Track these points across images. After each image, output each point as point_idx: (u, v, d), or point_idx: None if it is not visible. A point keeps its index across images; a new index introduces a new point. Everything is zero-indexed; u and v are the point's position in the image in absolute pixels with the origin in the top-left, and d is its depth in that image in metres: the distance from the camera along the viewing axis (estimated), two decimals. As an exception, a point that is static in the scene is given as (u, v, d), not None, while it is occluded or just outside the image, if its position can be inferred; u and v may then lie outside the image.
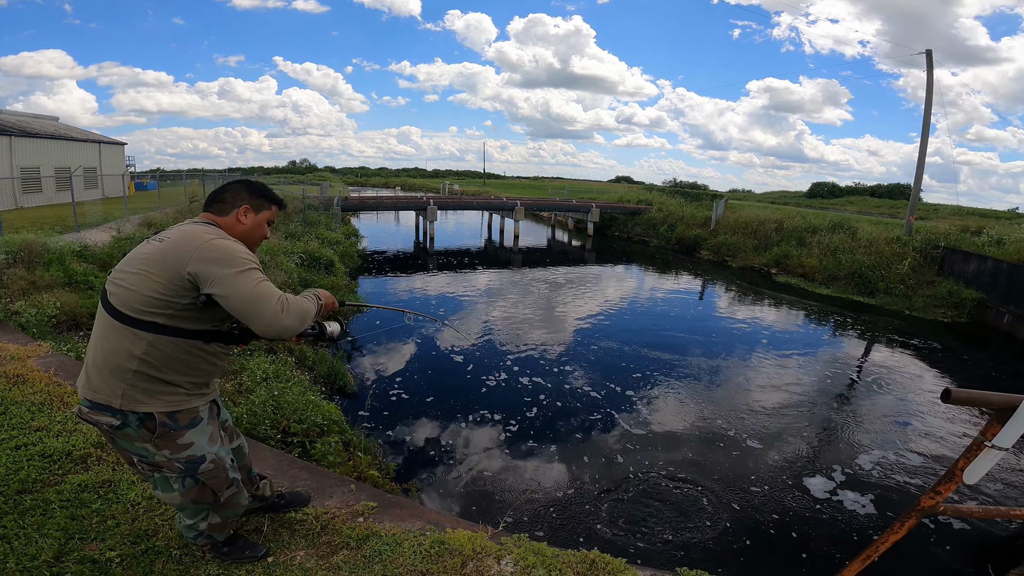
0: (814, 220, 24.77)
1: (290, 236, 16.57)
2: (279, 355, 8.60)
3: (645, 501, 6.39)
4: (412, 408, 8.70)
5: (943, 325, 16.09)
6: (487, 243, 31.35)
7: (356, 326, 13.00)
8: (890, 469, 7.55)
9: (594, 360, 11.57)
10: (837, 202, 45.76)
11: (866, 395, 10.68)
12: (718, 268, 24.67)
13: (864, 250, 20.08)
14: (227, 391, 6.31)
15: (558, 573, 2.60)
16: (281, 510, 2.93)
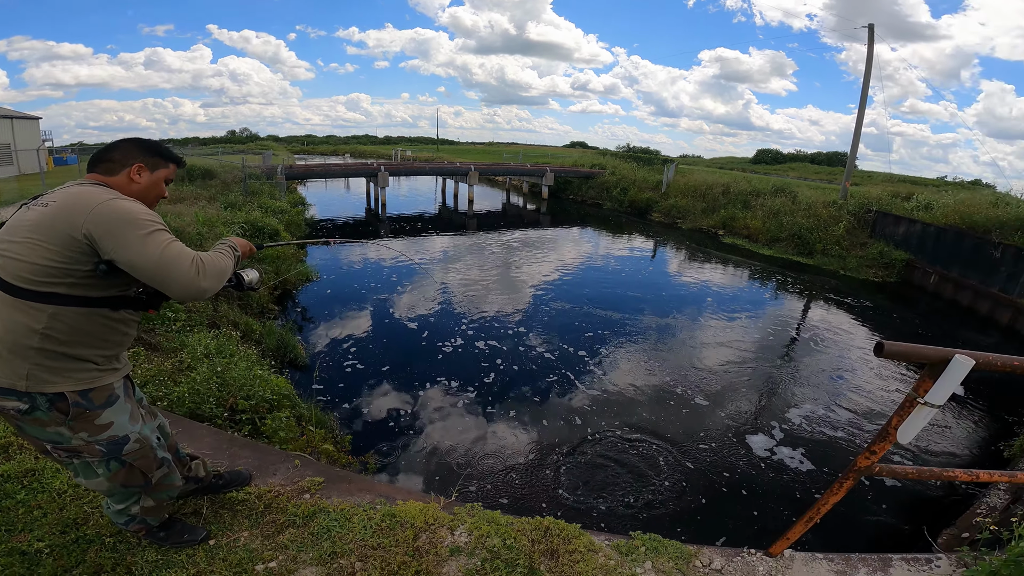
0: (758, 185, 25.59)
1: (230, 207, 15.75)
2: (222, 329, 8.26)
3: (603, 463, 6.52)
4: (367, 378, 8.54)
5: (875, 284, 17.03)
6: (441, 208, 30.93)
7: (306, 297, 12.64)
8: (826, 425, 7.94)
9: (550, 322, 11.67)
10: (780, 168, 47.40)
11: (804, 352, 11.20)
12: (669, 230, 25.37)
13: (803, 213, 21.01)
14: (166, 370, 6.01)
15: (512, 541, 2.59)
16: (221, 491, 2.79)
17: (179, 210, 13.36)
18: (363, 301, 12.40)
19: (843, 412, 8.36)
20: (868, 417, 8.29)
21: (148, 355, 6.53)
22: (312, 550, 2.49)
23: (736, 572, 2.58)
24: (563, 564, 2.47)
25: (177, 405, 5.08)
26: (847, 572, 2.65)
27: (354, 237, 20.57)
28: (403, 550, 2.49)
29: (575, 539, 2.64)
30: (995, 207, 15.74)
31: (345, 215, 26.25)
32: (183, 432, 3.27)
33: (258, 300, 10.64)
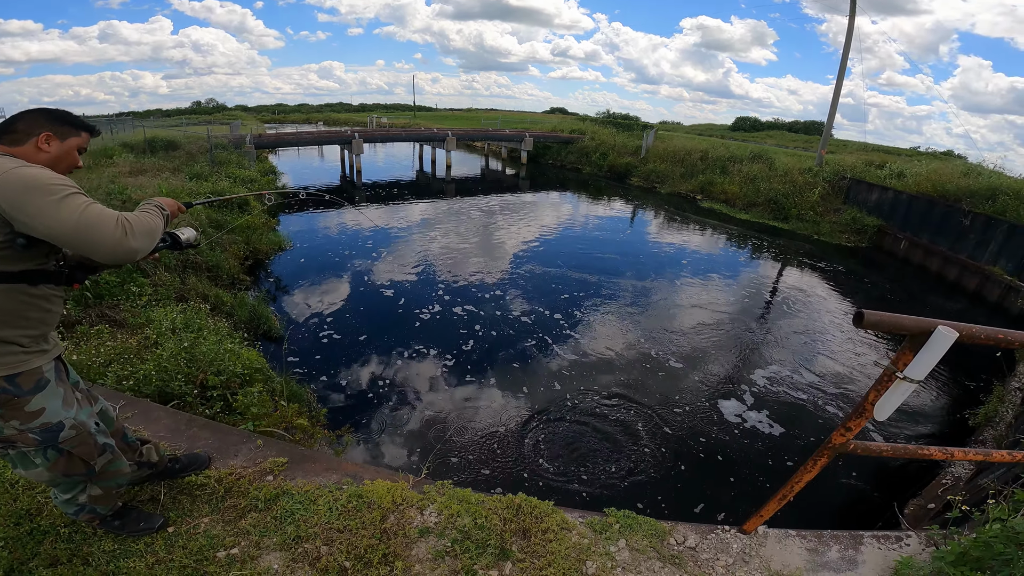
0: (736, 151, 25.91)
1: (196, 177, 15.24)
2: (191, 303, 8.01)
3: (583, 431, 6.54)
4: (344, 348, 8.39)
5: (847, 249, 17.43)
6: (419, 174, 30.40)
7: (279, 266, 12.33)
8: (796, 389, 8.08)
9: (529, 286, 11.66)
10: (758, 135, 47.77)
11: (778, 315, 11.40)
12: (648, 194, 25.54)
13: (780, 179, 21.38)
14: (132, 348, 5.79)
15: (483, 520, 2.51)
16: (178, 475, 2.67)
17: (141, 183, 12.87)
18: (339, 269, 12.16)
19: (813, 376, 8.50)
20: (838, 381, 8.45)
21: (113, 332, 6.29)
22: (275, 535, 2.39)
23: (710, 549, 2.56)
24: (535, 544, 2.41)
25: (144, 384, 4.88)
26: (819, 549, 2.65)
27: (329, 204, 20.05)
28: (370, 532, 2.40)
29: (547, 517, 2.58)
30: (966, 177, 16.09)
31: (320, 182, 25.61)
32: (139, 414, 3.12)
33: (228, 271, 10.36)
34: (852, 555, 2.63)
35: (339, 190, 24.19)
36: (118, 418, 2.39)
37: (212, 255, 10.20)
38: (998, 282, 13.23)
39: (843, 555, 2.62)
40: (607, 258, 14.48)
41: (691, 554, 2.53)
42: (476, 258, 13.59)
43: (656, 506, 5.40)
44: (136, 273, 8.14)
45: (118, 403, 3.22)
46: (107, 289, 7.43)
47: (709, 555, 2.53)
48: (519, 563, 2.32)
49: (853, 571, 2.54)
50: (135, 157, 17.09)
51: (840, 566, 2.56)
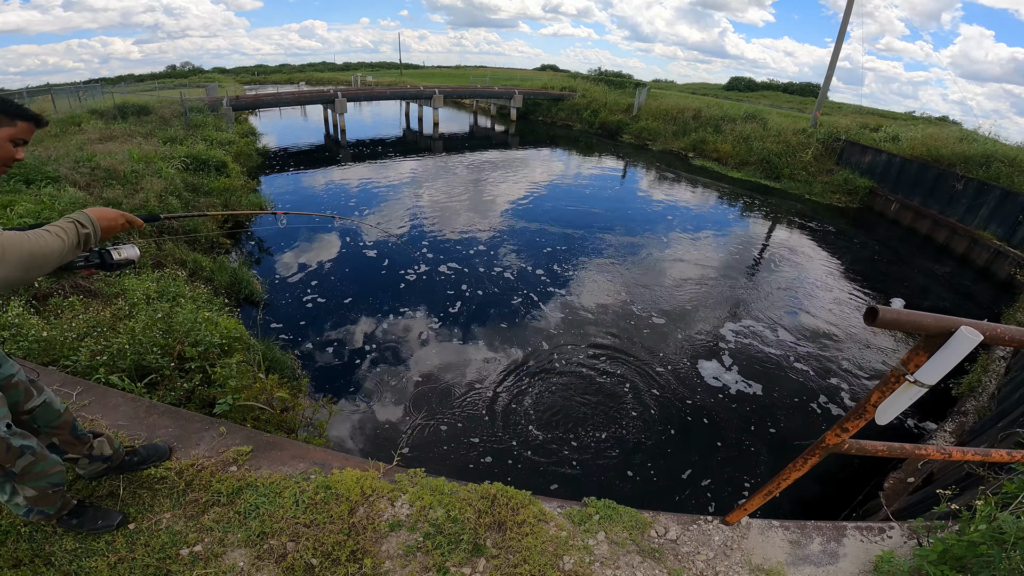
0: (730, 110, 25.72)
1: (169, 141, 14.74)
2: (167, 269, 7.78)
3: (571, 395, 6.51)
4: (329, 312, 8.26)
5: (838, 209, 17.55)
6: (406, 132, 29.78)
7: (261, 229, 12.02)
8: (779, 349, 8.12)
9: (518, 244, 11.58)
10: (752, 96, 47.12)
11: (766, 271, 11.49)
12: (639, 151, 25.32)
13: (773, 139, 21.38)
14: (105, 320, 5.60)
15: (456, 512, 2.41)
16: (137, 468, 2.53)
17: (110, 148, 12.31)
18: (323, 230, 11.89)
19: (796, 337, 8.54)
20: (818, 340, 8.48)
21: (86, 303, 6.08)
22: (240, 530, 2.28)
23: (691, 541, 2.49)
24: (510, 538, 2.32)
25: (119, 358, 4.73)
26: (802, 541, 2.59)
27: (313, 164, 19.60)
28: (338, 527, 2.30)
29: (524, 508, 2.48)
30: (962, 143, 16.15)
31: (303, 143, 24.95)
32: (96, 401, 2.96)
33: (207, 235, 10.07)
34: (834, 548, 2.58)
35: (323, 149, 23.57)
36: (68, 410, 2.24)
37: (189, 220, 9.90)
38: (987, 246, 13.31)
39: (825, 548, 2.57)
40: (597, 214, 14.44)
41: (672, 547, 2.45)
42: (464, 215, 13.43)
43: (646, 473, 5.42)
44: (108, 242, 7.86)
45: (75, 389, 3.05)
46: None
47: (690, 548, 2.46)
48: (493, 559, 2.23)
49: (834, 565, 2.49)
50: (104, 123, 16.42)
51: (821, 559, 2.51)
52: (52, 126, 15.86)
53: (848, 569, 2.48)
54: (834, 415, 6.66)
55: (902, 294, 10.73)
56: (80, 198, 8.25)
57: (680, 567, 2.35)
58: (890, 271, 12.39)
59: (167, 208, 9.54)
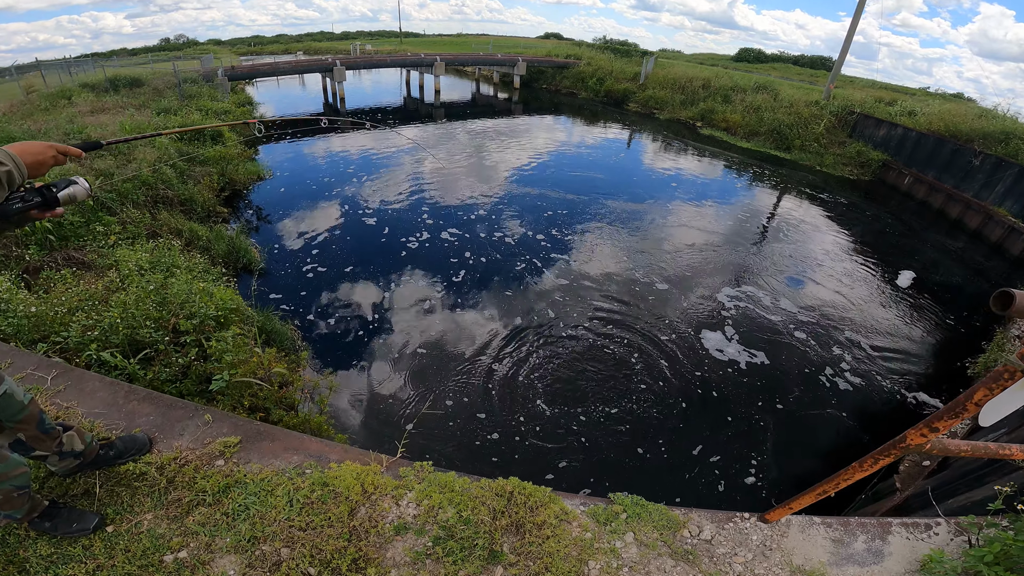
0: (740, 81, 25.05)
1: (163, 112, 14.44)
2: (162, 238, 7.51)
3: (579, 367, 6.32)
4: (330, 282, 8.04)
5: (849, 181, 17.21)
6: (407, 99, 29.06)
7: (259, 196, 11.72)
8: (784, 318, 7.92)
9: (520, 210, 11.34)
10: (762, 67, 46.11)
11: (773, 240, 11.24)
12: (645, 120, 24.78)
13: (785, 110, 20.88)
14: (97, 293, 5.35)
15: (469, 513, 2.17)
16: (114, 463, 2.28)
17: (101, 120, 12.13)
18: (322, 198, 11.59)
19: (802, 307, 8.33)
20: (825, 312, 8.25)
21: (77, 276, 5.84)
22: (228, 534, 2.04)
23: (727, 542, 2.26)
24: (530, 542, 2.09)
25: (111, 333, 4.50)
26: (845, 539, 2.37)
27: (311, 133, 19.09)
28: (337, 531, 2.06)
29: (544, 507, 2.24)
30: (980, 119, 15.90)
31: (301, 112, 24.36)
32: (72, 386, 2.69)
33: (203, 203, 9.77)
34: (879, 546, 2.36)
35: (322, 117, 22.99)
36: (34, 401, 1.97)
37: (184, 188, 9.62)
38: (1001, 223, 13.02)
39: (869, 546, 2.35)
40: (601, 181, 14.16)
41: (706, 548, 2.22)
42: (467, 182, 13.12)
43: (656, 451, 5.23)
44: (101, 212, 7.63)
45: (50, 373, 2.79)
46: (72, 230, 6.94)
47: (726, 549, 2.23)
48: (511, 567, 2.00)
49: (879, 564, 2.27)
50: (96, 96, 16.08)
51: (866, 559, 2.29)
52: (41, 100, 15.73)
53: (894, 569, 2.28)
54: (841, 389, 6.47)
55: (913, 267, 10.46)
56: (70, 170, 7.94)
57: (716, 570, 2.12)
58: (901, 244, 12.10)
59: (161, 178, 9.25)
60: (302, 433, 2.59)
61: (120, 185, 8.31)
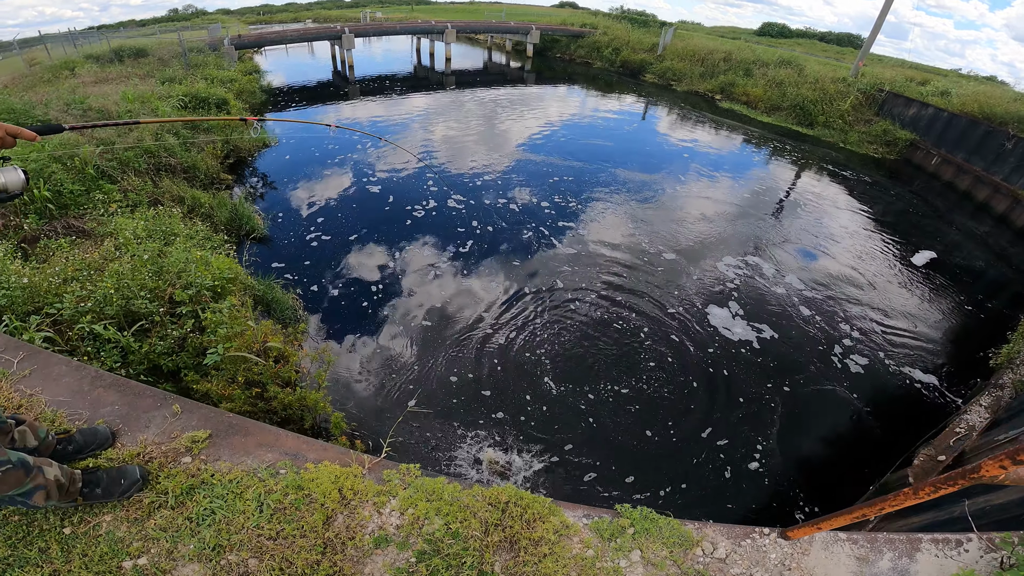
0: (763, 55, 24.28)
1: (168, 81, 14.20)
2: (163, 206, 7.33)
3: (588, 341, 6.13)
4: (333, 251, 7.86)
5: (873, 160, 16.69)
6: (417, 67, 28.47)
7: (264, 164, 11.50)
8: (794, 295, 7.65)
9: (531, 179, 11.09)
10: (786, 42, 44.72)
11: (789, 214, 10.86)
12: (662, 91, 24.13)
13: (809, 86, 20.24)
14: (92, 262, 5.21)
15: (459, 526, 1.96)
16: (73, 458, 2.08)
17: (104, 91, 11.88)
18: (329, 166, 11.33)
19: (816, 285, 8.03)
20: (840, 291, 7.97)
21: (74, 244, 5.70)
22: (192, 541, 1.85)
23: (743, 560, 2.04)
24: (524, 560, 1.87)
25: (106, 305, 4.37)
26: (870, 557, 2.15)
27: (320, 100, 18.76)
28: (311, 542, 1.86)
29: (542, 521, 2.02)
30: (1016, 102, 15.42)
31: (309, 80, 23.91)
32: (38, 370, 2.49)
33: (206, 171, 9.58)
34: (905, 565, 2.14)
35: (330, 86, 22.57)
36: None
37: (187, 155, 9.43)
38: (1029, 207, 12.56)
39: (895, 565, 2.14)
40: (613, 151, 13.80)
41: (719, 568, 2.01)
42: (476, 151, 12.80)
43: (665, 434, 5.04)
44: (102, 180, 7.49)
45: (16, 356, 2.59)
46: (71, 199, 6.82)
47: (740, 569, 2.01)
48: (502, 589, 1.79)
49: (904, 586, 2.06)
50: (100, 67, 15.91)
51: (891, 580, 2.07)
52: (44, 72, 15.63)
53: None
54: (852, 371, 6.22)
55: (935, 249, 10.07)
56: (72, 139, 7.82)
57: (729, 596, 1.91)
58: (923, 224, 11.68)
59: (163, 146, 9.06)
60: (279, 428, 2.37)
61: (121, 153, 8.17)
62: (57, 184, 6.79)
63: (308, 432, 4.20)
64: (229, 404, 3.74)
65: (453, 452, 4.53)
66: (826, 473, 4.92)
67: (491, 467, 4.48)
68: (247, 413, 3.81)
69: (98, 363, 3.70)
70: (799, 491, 4.66)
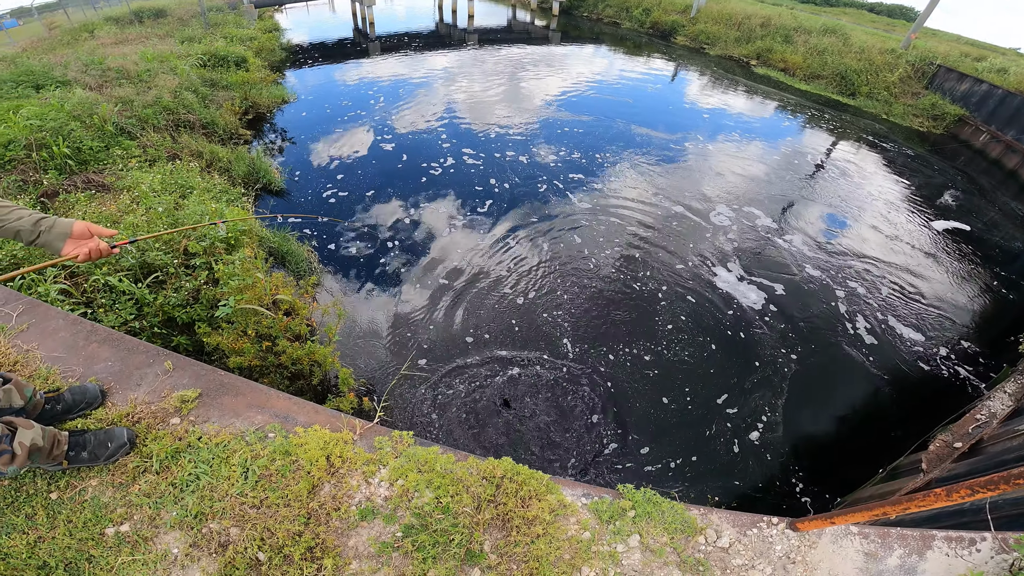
0: (805, 22, 23.15)
1: (187, 40, 14.11)
2: (181, 160, 7.34)
3: (605, 304, 6.03)
4: (349, 206, 7.81)
5: (918, 133, 15.94)
6: (439, 24, 27.76)
7: (282, 120, 11.41)
8: (818, 266, 7.36)
9: (553, 138, 10.86)
10: (832, 11, 42.40)
11: (822, 181, 10.46)
12: (694, 54, 23.12)
13: (854, 55, 19.37)
14: (109, 215, 5.21)
15: (450, 500, 1.87)
16: (61, 418, 2.04)
17: (123, 51, 11.85)
18: (347, 122, 11.19)
19: (842, 253, 7.74)
20: (866, 261, 7.65)
21: (92, 198, 5.73)
22: (174, 507, 1.80)
23: (746, 551, 1.93)
24: (516, 541, 1.79)
25: (121, 256, 4.34)
26: (879, 553, 2.03)
27: (339, 57, 18.46)
28: (295, 512, 1.79)
29: (537, 499, 1.93)
30: None
31: (329, 37, 23.51)
32: (35, 324, 2.44)
33: (224, 126, 9.55)
34: (914, 563, 2.03)
35: (350, 43, 22.18)
36: None
37: (205, 112, 9.41)
38: (1079, 192, 11.98)
39: (903, 563, 2.02)
40: (639, 112, 13.38)
41: (720, 557, 1.91)
42: (497, 110, 12.50)
43: (682, 401, 4.93)
44: (121, 136, 7.52)
45: (16, 308, 2.55)
46: (91, 155, 6.86)
47: (743, 560, 1.91)
48: (489, 570, 1.71)
49: (910, 584, 1.95)
50: (119, 28, 15.89)
51: (896, 576, 1.96)
52: (63, 35, 15.69)
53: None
54: (872, 344, 5.99)
55: (973, 226, 9.59)
56: (91, 98, 7.85)
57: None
58: (962, 200, 11.13)
59: (182, 103, 9.11)
60: (269, 388, 2.30)
61: (140, 111, 8.22)
62: (76, 141, 6.82)
63: (317, 388, 4.18)
64: (239, 358, 3.72)
65: (460, 414, 4.47)
66: (835, 450, 4.77)
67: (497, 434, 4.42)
68: (258, 367, 3.79)
69: (113, 315, 3.68)
70: (805, 469, 4.53)
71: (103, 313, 3.74)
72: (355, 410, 3.62)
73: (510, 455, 2.17)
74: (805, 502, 4.30)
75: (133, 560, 1.69)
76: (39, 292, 3.43)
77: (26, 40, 15.68)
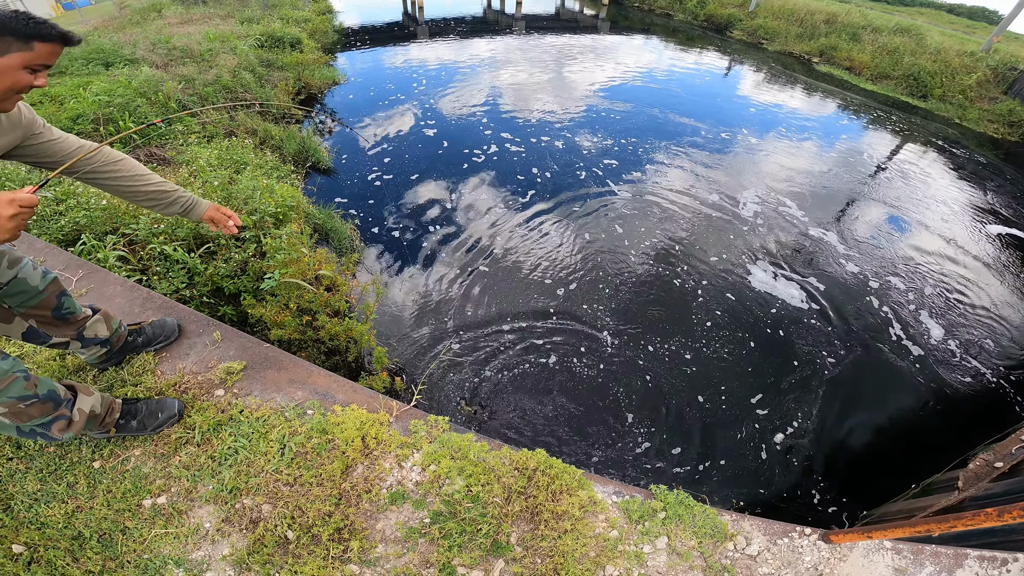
0: (876, 20, 22.18)
1: (247, 21, 14.65)
2: (236, 137, 7.58)
3: (644, 297, 5.93)
4: (394, 189, 7.88)
5: (991, 139, 15.03)
6: (487, 10, 27.71)
7: (332, 101, 11.58)
8: (869, 270, 7.05)
9: (598, 127, 10.75)
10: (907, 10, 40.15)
11: (883, 185, 9.97)
12: (751, 49, 22.33)
13: (929, 56, 18.48)
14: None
15: (481, 489, 1.88)
16: (141, 350, 2.19)
17: (188, 31, 12.34)
18: (395, 105, 11.29)
19: (895, 259, 7.40)
20: (926, 266, 7.33)
21: (153, 171, 5.95)
22: (211, 481, 1.85)
23: (774, 560, 1.88)
24: (543, 535, 1.78)
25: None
26: (909, 570, 1.94)
27: (388, 41, 18.71)
28: (327, 491, 1.83)
29: (568, 494, 1.91)
30: None
31: (380, 21, 23.76)
32: (94, 289, 2.56)
33: (277, 106, 9.80)
34: (945, 582, 1.93)
35: (399, 27, 22.38)
36: (55, 282, 1.81)
37: (261, 91, 9.72)
38: None
39: (936, 583, 1.93)
40: (689, 104, 13.14)
41: (747, 564, 1.86)
42: (544, 98, 12.41)
43: (716, 400, 4.81)
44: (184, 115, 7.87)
45: (76, 274, 2.68)
46: (154, 130, 7.15)
47: (770, 568, 1.86)
48: (514, 563, 1.71)
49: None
50: (185, 8, 16.62)
51: (927, 599, 1.87)
52: (133, 15, 16.38)
53: (948, 611, 1.86)
54: (914, 354, 5.67)
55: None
56: (157, 76, 8.23)
57: (750, 595, 1.77)
58: (1028, 211, 10.52)
59: (240, 82, 9.44)
60: (311, 363, 2.35)
61: (201, 89, 8.56)
62: (142, 117, 7.11)
63: (351, 364, 4.26)
64: (280, 331, 3.83)
65: (494, 402, 4.49)
66: (868, 461, 4.56)
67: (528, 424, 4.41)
68: (296, 340, 3.89)
69: (167, 283, 3.84)
70: (835, 478, 4.35)
71: (157, 280, 3.90)
72: (387, 389, 3.67)
73: (542, 446, 2.16)
74: (832, 512, 4.17)
75: (166, 533, 1.75)
76: (98, 258, 3.57)
77: (98, 18, 16.49)
